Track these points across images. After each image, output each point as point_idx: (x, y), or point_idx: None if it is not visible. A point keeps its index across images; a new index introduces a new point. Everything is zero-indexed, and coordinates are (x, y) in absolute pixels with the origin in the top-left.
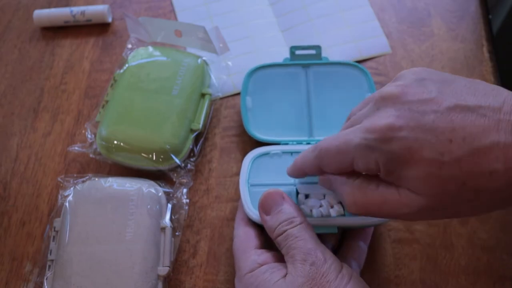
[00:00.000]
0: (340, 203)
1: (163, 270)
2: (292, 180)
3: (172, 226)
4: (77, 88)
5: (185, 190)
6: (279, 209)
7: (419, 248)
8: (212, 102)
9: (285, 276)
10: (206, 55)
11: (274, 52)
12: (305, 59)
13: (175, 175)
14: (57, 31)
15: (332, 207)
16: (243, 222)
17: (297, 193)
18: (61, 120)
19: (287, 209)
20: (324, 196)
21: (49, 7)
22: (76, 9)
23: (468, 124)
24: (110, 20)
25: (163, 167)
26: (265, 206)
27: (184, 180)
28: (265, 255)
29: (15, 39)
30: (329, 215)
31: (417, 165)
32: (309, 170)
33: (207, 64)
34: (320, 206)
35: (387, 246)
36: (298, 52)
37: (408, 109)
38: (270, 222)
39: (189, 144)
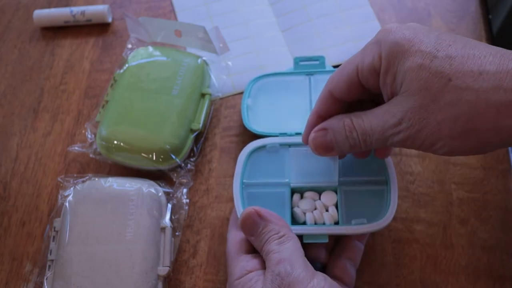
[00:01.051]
0: (335, 205)
1: (163, 270)
2: (287, 179)
3: (172, 226)
4: (77, 88)
5: (185, 190)
6: (259, 230)
7: (419, 248)
8: (212, 102)
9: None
10: (206, 55)
11: (274, 52)
12: (309, 68)
13: (175, 175)
14: (57, 31)
15: (327, 210)
16: (235, 225)
17: (292, 193)
18: (61, 120)
19: (268, 227)
20: (320, 197)
21: (49, 7)
22: (76, 9)
23: None
24: (110, 20)
25: (163, 167)
26: (245, 229)
27: (184, 180)
28: (254, 261)
29: (15, 39)
30: (322, 222)
31: (412, 56)
32: (322, 105)
33: (207, 64)
34: (315, 209)
35: (387, 246)
36: (302, 63)
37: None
38: (256, 243)
39: (189, 144)
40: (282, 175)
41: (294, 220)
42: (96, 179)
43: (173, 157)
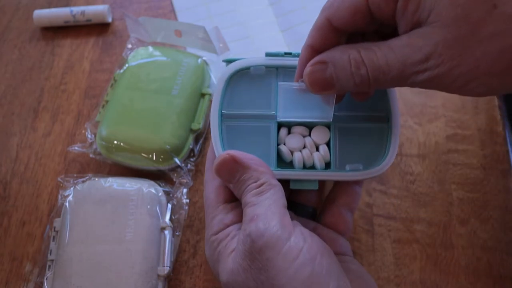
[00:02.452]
0: (327, 143)
1: (163, 270)
2: (273, 111)
3: (172, 226)
4: (77, 88)
5: (185, 190)
6: (237, 178)
7: (419, 248)
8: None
9: (233, 251)
10: (206, 55)
11: None
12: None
13: (175, 175)
14: (57, 31)
15: (317, 149)
16: (212, 169)
17: (279, 128)
18: (61, 120)
19: (246, 175)
20: (310, 133)
21: (49, 7)
22: (76, 9)
23: None
24: (110, 20)
25: (163, 167)
26: (222, 177)
27: (184, 180)
28: (233, 213)
29: (15, 39)
30: (311, 163)
31: None
32: (317, 36)
33: (207, 64)
34: (303, 147)
35: (387, 246)
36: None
37: None
38: (235, 191)
39: (189, 144)
40: (268, 106)
41: (280, 160)
42: (96, 179)
43: (173, 157)
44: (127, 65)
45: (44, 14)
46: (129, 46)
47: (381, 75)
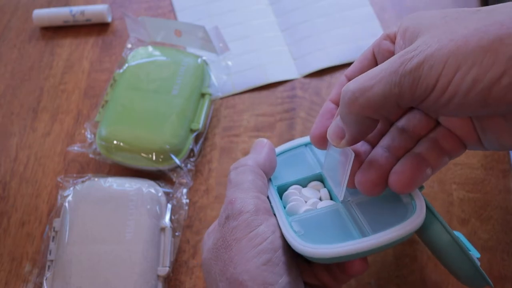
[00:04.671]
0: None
1: (163, 270)
2: (318, 170)
3: (172, 226)
4: (77, 88)
5: (185, 190)
6: (248, 155)
7: (419, 248)
8: (212, 102)
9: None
10: (206, 55)
11: (274, 52)
12: None
13: (175, 175)
14: (56, 31)
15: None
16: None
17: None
18: (61, 120)
19: (249, 155)
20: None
21: (48, 6)
22: (76, 9)
23: None
24: (109, 20)
25: (163, 167)
26: (251, 150)
27: (184, 180)
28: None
29: (14, 38)
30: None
31: (430, 17)
32: (338, 91)
33: (207, 64)
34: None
35: None
36: None
37: None
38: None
39: (189, 144)
40: (313, 169)
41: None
42: (96, 179)
43: (173, 157)
44: (126, 65)
45: (44, 14)
46: (129, 46)
47: (368, 81)
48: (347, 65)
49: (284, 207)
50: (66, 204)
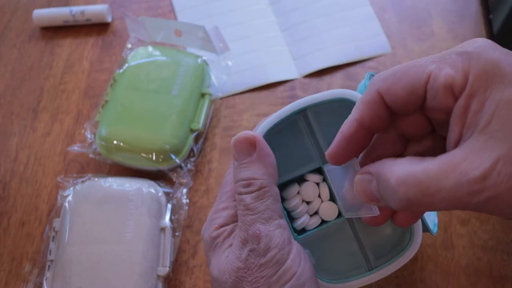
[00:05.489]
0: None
1: (163, 270)
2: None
3: (172, 226)
4: (77, 88)
5: (185, 190)
6: (245, 161)
7: (419, 248)
8: (212, 102)
9: (230, 246)
10: (206, 55)
11: (274, 51)
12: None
13: (175, 175)
14: (56, 31)
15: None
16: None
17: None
18: (61, 120)
19: (253, 166)
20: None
21: (48, 6)
22: (76, 9)
23: None
24: (109, 20)
25: (163, 167)
26: (235, 150)
27: (184, 180)
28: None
29: (14, 38)
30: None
31: None
32: (366, 110)
33: (207, 64)
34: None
35: None
36: None
37: None
38: (234, 170)
39: (189, 144)
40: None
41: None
42: (96, 179)
43: (173, 157)
44: (126, 65)
45: (44, 14)
46: (129, 46)
47: (428, 197)
48: (347, 65)
49: (285, 210)
50: (66, 204)
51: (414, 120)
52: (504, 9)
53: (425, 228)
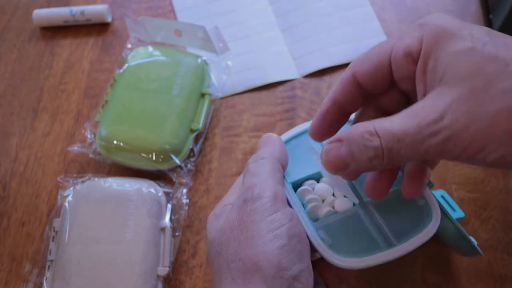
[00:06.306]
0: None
1: (163, 270)
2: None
3: (172, 226)
4: (77, 88)
5: (185, 190)
6: (262, 149)
7: (420, 248)
8: (212, 102)
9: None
10: (206, 55)
11: (274, 51)
12: None
13: (175, 175)
14: (56, 31)
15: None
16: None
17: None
18: (61, 120)
19: (263, 149)
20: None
21: (48, 6)
22: (76, 9)
23: None
24: (109, 20)
25: (163, 167)
26: (258, 146)
27: (184, 180)
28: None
29: (14, 38)
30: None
31: (461, 39)
32: (341, 89)
33: (207, 64)
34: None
35: None
36: None
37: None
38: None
39: (189, 144)
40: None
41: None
42: (96, 179)
43: (173, 157)
44: (126, 65)
45: (44, 14)
46: (129, 46)
47: (395, 143)
48: (347, 65)
49: (303, 206)
50: (66, 204)
51: (392, 97)
52: (504, 9)
53: (469, 249)
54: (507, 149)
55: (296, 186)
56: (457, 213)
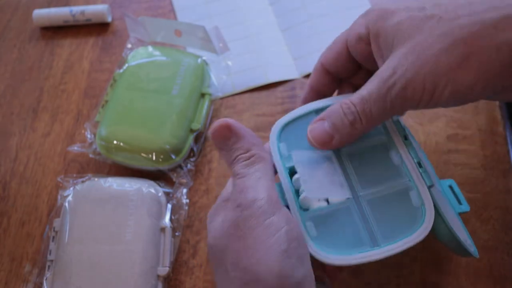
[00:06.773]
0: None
1: (163, 270)
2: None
3: (172, 226)
4: (77, 88)
5: (185, 190)
6: (229, 145)
7: (419, 248)
8: (212, 102)
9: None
10: (206, 55)
11: (274, 52)
12: None
13: (175, 175)
14: (56, 31)
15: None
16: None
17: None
18: (61, 120)
19: (236, 145)
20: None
21: (48, 6)
22: (76, 9)
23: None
24: (109, 19)
25: (163, 167)
26: (216, 142)
27: (184, 180)
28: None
29: (14, 38)
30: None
31: (400, 12)
32: (314, 77)
33: (207, 64)
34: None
35: None
36: None
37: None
38: (226, 158)
39: (189, 144)
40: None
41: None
42: (96, 179)
43: (173, 157)
44: (126, 65)
45: (44, 14)
46: (129, 46)
47: (366, 104)
48: None
49: (297, 195)
50: (66, 204)
51: (362, 77)
52: None
53: (464, 252)
54: (456, 82)
55: (293, 171)
56: (463, 207)
